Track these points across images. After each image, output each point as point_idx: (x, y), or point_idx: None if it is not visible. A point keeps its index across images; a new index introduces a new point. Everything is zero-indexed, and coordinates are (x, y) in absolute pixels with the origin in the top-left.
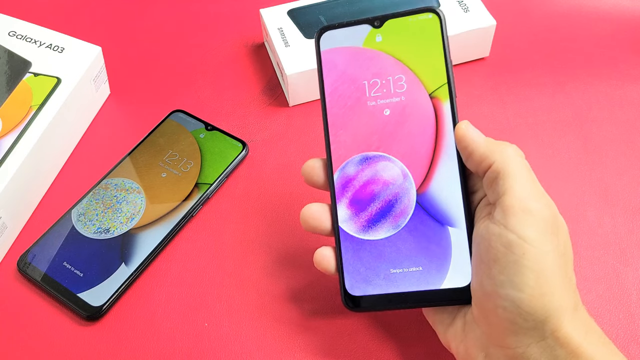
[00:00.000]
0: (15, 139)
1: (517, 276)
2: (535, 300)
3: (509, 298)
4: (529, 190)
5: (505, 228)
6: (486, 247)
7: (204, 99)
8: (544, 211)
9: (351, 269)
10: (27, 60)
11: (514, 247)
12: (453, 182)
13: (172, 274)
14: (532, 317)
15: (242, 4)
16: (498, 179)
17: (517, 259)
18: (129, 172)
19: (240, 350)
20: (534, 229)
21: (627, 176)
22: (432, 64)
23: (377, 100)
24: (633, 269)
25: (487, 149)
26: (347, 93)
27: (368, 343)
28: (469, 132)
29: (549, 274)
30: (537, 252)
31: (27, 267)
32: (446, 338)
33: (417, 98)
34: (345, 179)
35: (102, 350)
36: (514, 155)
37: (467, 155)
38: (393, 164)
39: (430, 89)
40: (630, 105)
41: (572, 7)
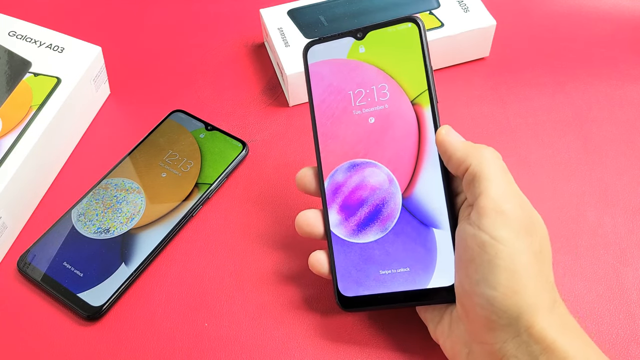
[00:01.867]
0: (15, 139)
1: (491, 275)
2: (507, 298)
3: (484, 296)
4: (502, 191)
5: (479, 229)
6: (464, 247)
7: (204, 99)
8: (516, 211)
9: (343, 271)
10: (27, 60)
11: (487, 247)
12: (436, 185)
13: (172, 274)
14: (506, 315)
15: (242, 4)
16: (474, 181)
17: (490, 259)
18: (129, 172)
19: (240, 350)
20: (507, 229)
21: (627, 176)
22: (413, 72)
23: (362, 109)
24: (633, 269)
25: (464, 152)
26: (334, 104)
27: (368, 343)
28: (448, 136)
29: (521, 272)
30: (509, 251)
31: (27, 267)
32: (435, 334)
33: (399, 105)
34: (335, 186)
35: (102, 350)
36: (489, 157)
37: (447, 159)
38: (379, 170)
39: (412, 96)
40: (630, 105)
41: (572, 7)
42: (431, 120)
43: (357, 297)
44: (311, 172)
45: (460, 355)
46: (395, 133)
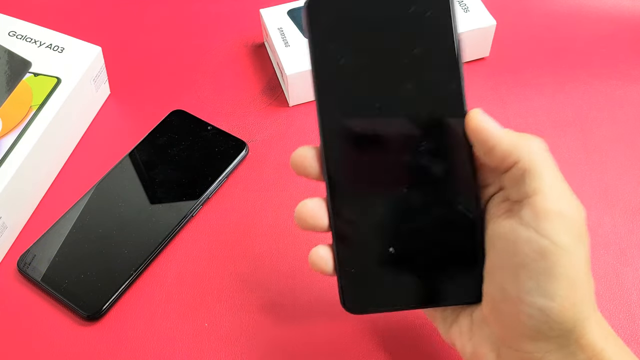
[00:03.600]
0: (15, 139)
1: (548, 284)
2: (565, 310)
3: (537, 306)
4: (560, 192)
5: (536, 232)
6: (512, 250)
7: (204, 99)
8: (576, 215)
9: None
10: (27, 60)
11: (547, 253)
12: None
13: (172, 274)
14: (560, 327)
15: (242, 4)
16: (525, 177)
17: (549, 266)
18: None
19: (240, 350)
20: (568, 234)
21: (627, 176)
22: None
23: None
24: (633, 269)
25: (511, 144)
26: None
27: (369, 343)
28: (486, 123)
29: (580, 282)
30: (571, 259)
31: (27, 267)
32: (450, 336)
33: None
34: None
35: (102, 350)
36: (540, 150)
37: (486, 150)
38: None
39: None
40: (630, 105)
41: (572, 7)
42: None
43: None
44: (312, 153)
45: (486, 358)
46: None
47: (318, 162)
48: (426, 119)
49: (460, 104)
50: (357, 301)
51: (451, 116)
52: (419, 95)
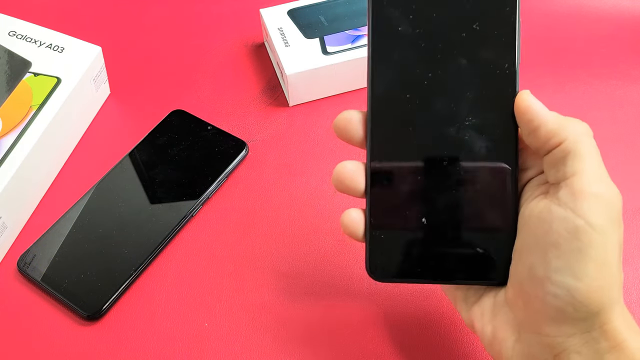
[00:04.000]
0: (15, 139)
1: (578, 264)
2: (592, 291)
3: (564, 286)
4: (600, 175)
5: (572, 212)
6: (545, 229)
7: (204, 99)
8: (614, 199)
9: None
10: (27, 60)
11: (581, 233)
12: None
13: (172, 274)
14: (586, 309)
15: (242, 4)
16: (567, 159)
17: (581, 247)
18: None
19: (240, 350)
20: (605, 217)
21: (627, 176)
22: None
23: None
24: (633, 269)
25: (557, 125)
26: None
27: (369, 343)
28: (535, 104)
29: (609, 266)
30: (603, 241)
31: (27, 267)
32: (470, 317)
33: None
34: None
35: (102, 350)
36: (586, 134)
37: (531, 129)
38: None
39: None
40: (630, 105)
41: (572, 7)
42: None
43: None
44: (358, 117)
45: (506, 342)
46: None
47: (363, 127)
48: (476, 95)
49: (512, 84)
50: (383, 268)
51: (502, 95)
52: (472, 70)
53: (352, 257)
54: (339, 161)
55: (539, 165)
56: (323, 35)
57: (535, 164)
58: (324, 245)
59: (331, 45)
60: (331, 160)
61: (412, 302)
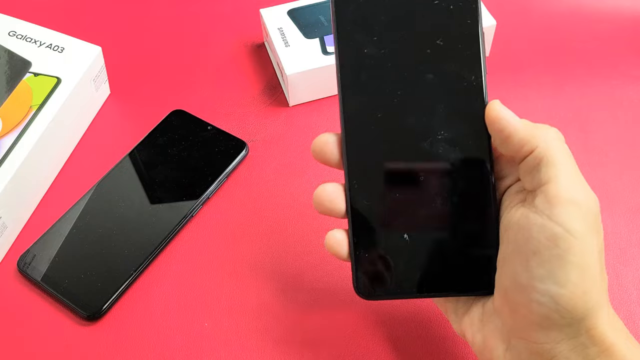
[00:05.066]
0: (15, 139)
1: (560, 271)
2: (576, 297)
3: (548, 293)
4: (574, 180)
5: (549, 219)
6: (525, 237)
7: (204, 99)
8: (590, 204)
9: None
10: (27, 60)
11: (559, 240)
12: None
13: (172, 274)
14: (570, 315)
15: (242, 4)
16: (540, 166)
17: (561, 253)
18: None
19: (240, 350)
20: (581, 222)
21: (627, 176)
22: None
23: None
24: (633, 269)
25: (528, 133)
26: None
27: (369, 343)
28: (504, 113)
29: (591, 271)
30: (583, 246)
31: (27, 267)
32: (461, 327)
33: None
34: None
35: (102, 350)
36: (556, 139)
37: (502, 139)
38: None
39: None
40: (630, 106)
41: (572, 7)
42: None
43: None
44: (334, 139)
45: (496, 350)
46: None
47: (339, 149)
48: (447, 108)
49: (480, 95)
50: (370, 287)
51: (472, 106)
52: (440, 85)
53: None
54: None
55: (515, 173)
56: (323, 35)
57: (511, 172)
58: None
59: (331, 45)
60: None
61: (412, 301)
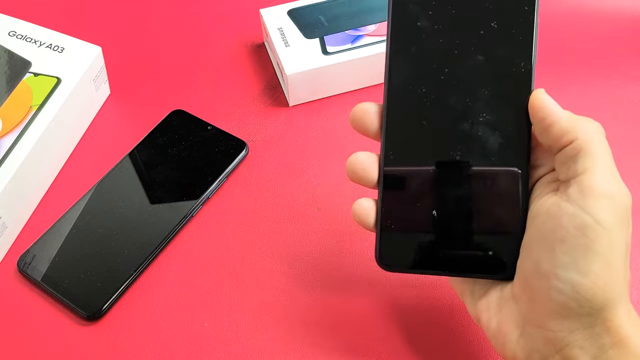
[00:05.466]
0: (15, 139)
1: (584, 260)
2: (596, 288)
3: (569, 281)
4: (611, 173)
5: (581, 209)
6: (554, 225)
7: (204, 99)
8: (624, 199)
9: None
10: (27, 60)
11: (588, 229)
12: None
13: (172, 274)
14: (589, 304)
15: (242, 4)
16: (578, 157)
17: (588, 243)
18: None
19: (240, 350)
20: (613, 215)
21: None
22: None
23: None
24: (633, 269)
25: (570, 123)
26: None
27: (369, 343)
28: (548, 102)
29: (616, 263)
30: (610, 239)
31: (27, 267)
32: (476, 310)
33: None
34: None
35: (102, 350)
36: (598, 133)
37: (544, 127)
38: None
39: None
40: (631, 105)
41: (572, 7)
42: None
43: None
44: (375, 109)
45: (510, 335)
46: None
47: (379, 119)
48: (491, 92)
49: (527, 82)
50: (392, 258)
51: (517, 92)
52: (488, 68)
53: (352, 257)
54: (339, 161)
55: (550, 163)
56: (323, 35)
57: (547, 162)
58: (324, 245)
59: (331, 45)
60: (331, 160)
61: (412, 301)
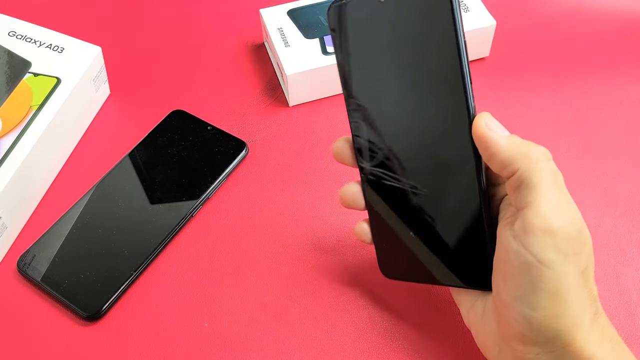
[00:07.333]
0: (15, 139)
1: (532, 296)
2: (547, 320)
3: (522, 313)
4: (553, 206)
5: (523, 247)
6: (504, 259)
7: (204, 99)
8: (567, 230)
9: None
10: (27, 60)
11: (531, 268)
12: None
13: (172, 274)
14: (543, 334)
15: (242, 4)
16: (521, 188)
17: (532, 280)
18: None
19: (240, 350)
20: (554, 252)
21: (627, 176)
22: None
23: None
24: (633, 269)
25: (510, 154)
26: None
27: (370, 342)
28: (490, 130)
29: (564, 295)
30: (554, 275)
31: (27, 267)
32: (468, 319)
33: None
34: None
35: (102, 350)
36: (540, 161)
37: (487, 157)
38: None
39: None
40: (631, 106)
41: (572, 7)
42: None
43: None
44: (347, 145)
45: (492, 351)
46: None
47: (351, 152)
48: (436, 123)
49: (466, 110)
50: (388, 268)
51: (459, 121)
52: (428, 99)
53: (352, 257)
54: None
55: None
56: (323, 35)
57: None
58: (324, 245)
59: (331, 45)
60: (331, 160)
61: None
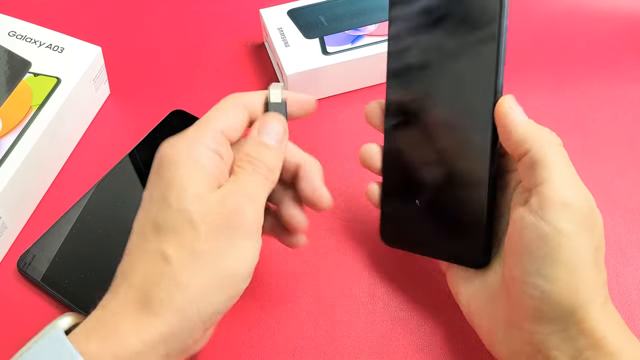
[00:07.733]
0: (15, 139)
1: (549, 268)
2: (564, 293)
3: (539, 288)
4: (567, 182)
5: (541, 219)
6: (520, 235)
7: (204, 99)
8: (582, 204)
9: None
10: (27, 60)
11: (549, 239)
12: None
13: None
14: (560, 309)
15: (242, 4)
16: (535, 167)
17: (550, 252)
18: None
19: (240, 350)
20: (571, 223)
21: (627, 176)
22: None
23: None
24: (633, 269)
25: (525, 134)
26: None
27: (370, 342)
28: (510, 110)
29: (581, 268)
30: (571, 245)
31: (27, 267)
32: (469, 309)
33: None
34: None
35: None
36: (552, 143)
37: (505, 137)
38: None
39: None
40: (631, 106)
41: (572, 7)
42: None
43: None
44: (378, 107)
45: (496, 335)
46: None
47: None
48: (465, 96)
49: (494, 91)
50: (389, 236)
51: (485, 98)
52: (462, 80)
53: (353, 257)
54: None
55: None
56: (323, 35)
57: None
58: (325, 246)
59: (331, 46)
60: (331, 160)
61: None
